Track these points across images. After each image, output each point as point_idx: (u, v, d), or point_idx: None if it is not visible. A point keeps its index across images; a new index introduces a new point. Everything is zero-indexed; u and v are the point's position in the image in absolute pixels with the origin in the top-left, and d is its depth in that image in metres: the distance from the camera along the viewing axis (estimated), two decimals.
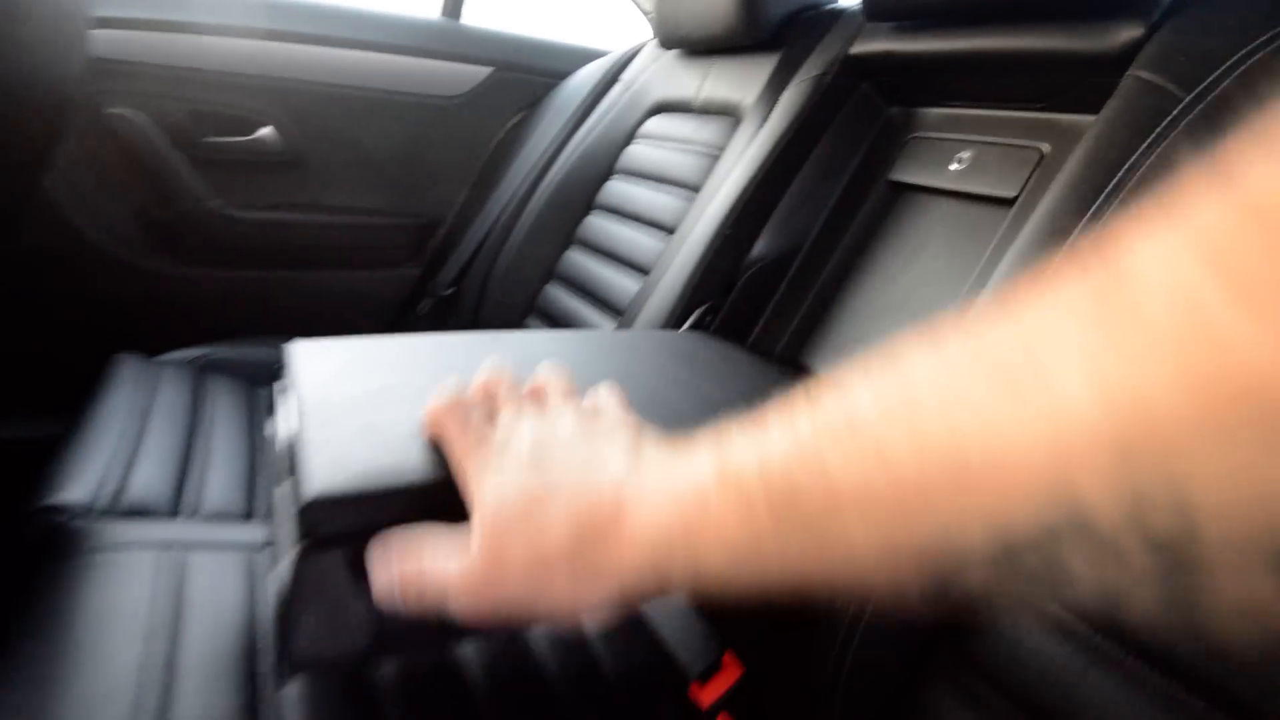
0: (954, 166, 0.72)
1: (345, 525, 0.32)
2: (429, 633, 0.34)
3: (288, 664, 0.32)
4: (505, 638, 0.57)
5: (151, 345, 0.93)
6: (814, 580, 0.21)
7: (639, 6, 1.27)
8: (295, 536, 0.32)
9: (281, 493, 0.36)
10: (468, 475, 0.30)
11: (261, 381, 0.93)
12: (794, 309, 0.76)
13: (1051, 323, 0.15)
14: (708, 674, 0.59)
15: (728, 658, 0.59)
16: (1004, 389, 0.15)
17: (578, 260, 1.03)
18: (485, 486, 0.29)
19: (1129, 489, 0.13)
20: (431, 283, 1.19)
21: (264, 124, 1.09)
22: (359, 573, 0.32)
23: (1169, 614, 0.14)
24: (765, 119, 0.83)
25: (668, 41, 1.05)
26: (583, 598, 0.26)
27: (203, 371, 0.90)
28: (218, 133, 1.07)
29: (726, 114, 0.93)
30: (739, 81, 0.92)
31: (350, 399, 0.40)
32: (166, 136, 1.02)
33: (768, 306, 0.77)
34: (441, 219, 1.26)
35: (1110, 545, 0.14)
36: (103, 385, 0.80)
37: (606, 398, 0.36)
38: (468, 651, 0.55)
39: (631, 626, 0.64)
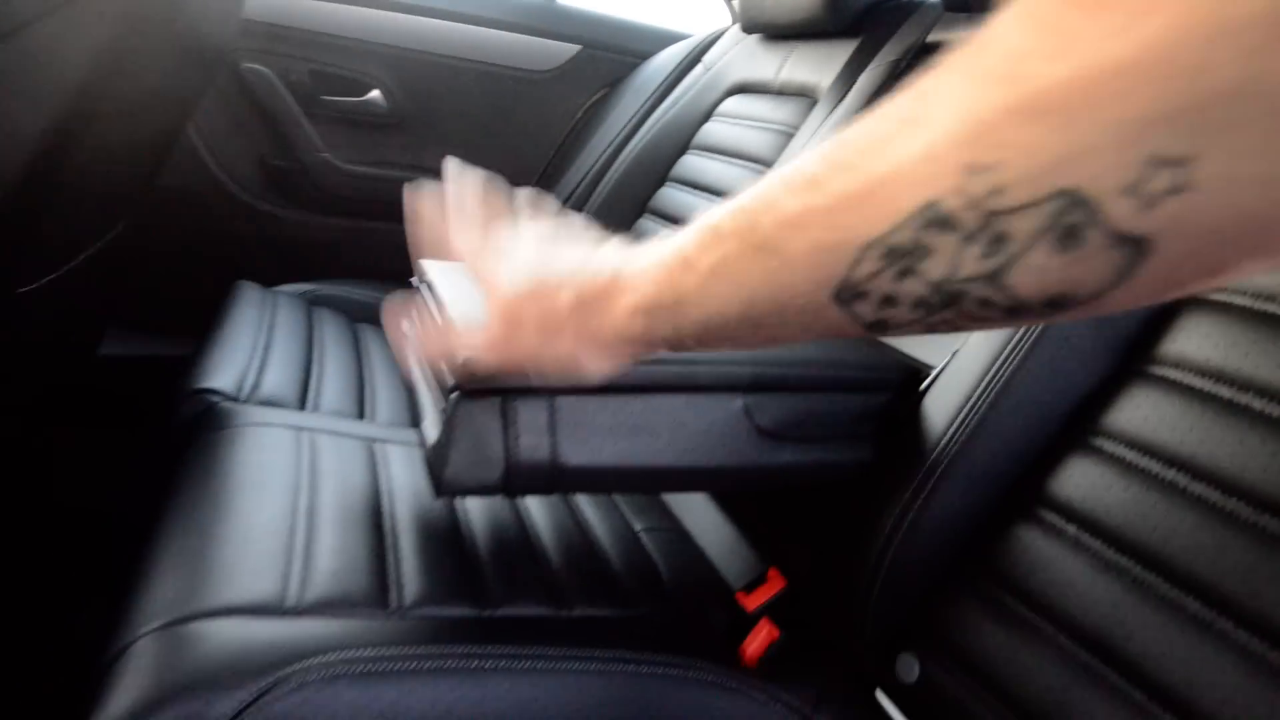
0: None
1: (486, 381, 0.40)
2: (541, 479, 0.42)
3: (435, 488, 0.40)
4: (581, 539, 0.65)
5: (266, 278, 1.04)
6: (769, 307, 0.27)
7: None
8: (449, 389, 0.40)
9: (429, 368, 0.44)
10: (482, 269, 0.38)
11: (360, 317, 1.04)
12: None
13: (932, 83, 0.22)
14: (752, 586, 0.66)
15: (772, 572, 0.66)
16: (896, 131, 0.22)
17: (651, 228, 1.10)
18: (500, 271, 0.36)
19: (968, 190, 0.20)
20: None
21: (373, 87, 1.20)
22: (497, 420, 0.40)
23: (993, 278, 0.20)
24: (841, 100, 0.89)
25: (751, 26, 1.11)
26: (585, 355, 0.33)
27: (310, 304, 1.01)
28: (332, 92, 1.18)
29: (803, 95, 0.98)
30: (818, 65, 0.97)
31: (476, 294, 0.48)
32: (289, 92, 1.14)
33: None
34: (522, 185, 1.34)
35: (958, 231, 0.20)
36: (230, 305, 0.91)
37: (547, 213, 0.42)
38: (544, 539, 0.63)
39: (682, 543, 0.72)
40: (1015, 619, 0.49)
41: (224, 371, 0.72)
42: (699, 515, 0.76)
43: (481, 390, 0.40)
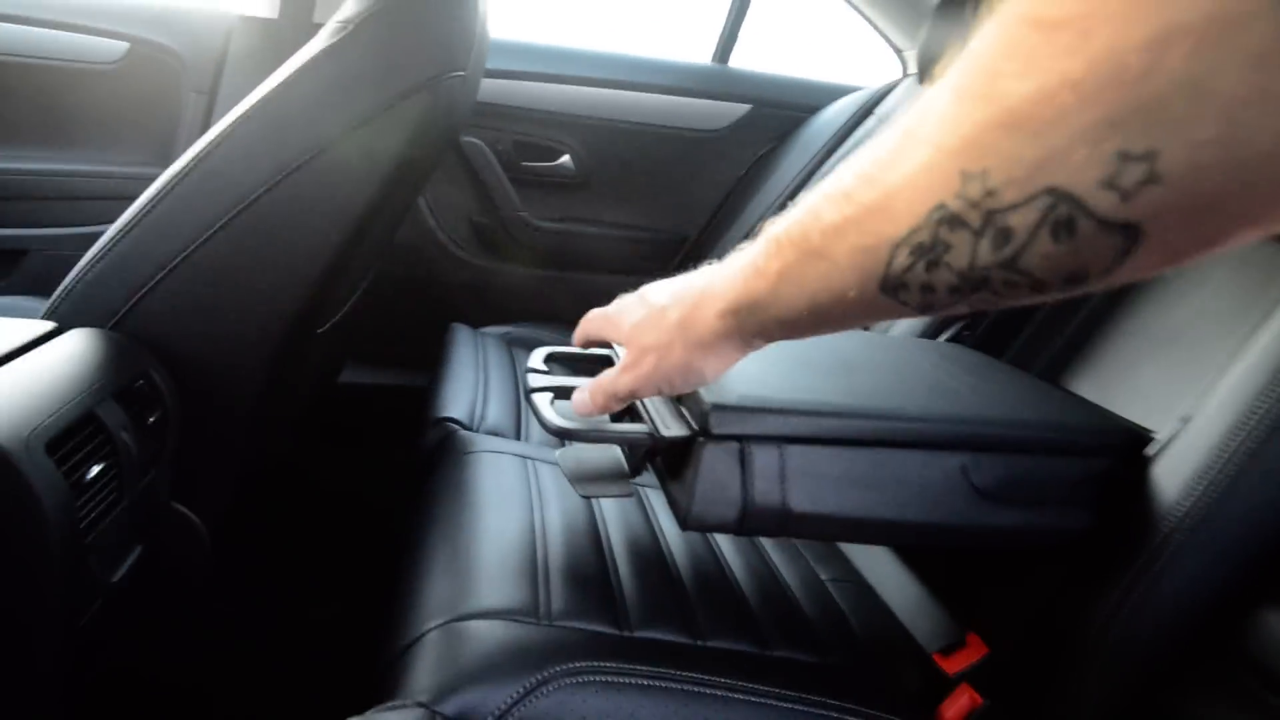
0: None
1: (730, 429, 0.45)
2: (771, 521, 0.46)
3: (682, 522, 0.45)
4: (771, 581, 0.68)
5: (472, 320, 1.18)
6: (830, 301, 0.31)
7: (891, 43, 1.35)
8: (694, 433, 0.45)
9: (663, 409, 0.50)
10: (620, 335, 0.45)
11: (551, 360, 1.15)
12: (1058, 331, 0.79)
13: (929, 100, 0.25)
14: (950, 649, 0.65)
15: (972, 638, 0.64)
16: (903, 144, 0.26)
17: None
18: (622, 314, 0.45)
19: (966, 193, 0.23)
20: (662, 269, 1.36)
21: (564, 152, 1.34)
22: (736, 465, 0.45)
23: (1009, 265, 0.23)
24: None
25: (928, 76, 1.12)
26: (696, 360, 0.40)
27: (509, 343, 1.13)
28: (530, 159, 1.33)
29: None
30: None
31: None
32: (496, 160, 1.30)
33: (1027, 326, 0.80)
34: (687, 236, 1.42)
35: (968, 227, 0.23)
36: (448, 345, 1.05)
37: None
38: (738, 576, 0.66)
39: (868, 597, 0.72)
40: (1269, 712, 0.45)
41: (457, 403, 0.83)
42: (885, 570, 0.76)
43: (723, 436, 0.45)
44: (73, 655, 0.51)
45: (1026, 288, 0.24)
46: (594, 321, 0.50)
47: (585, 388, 0.47)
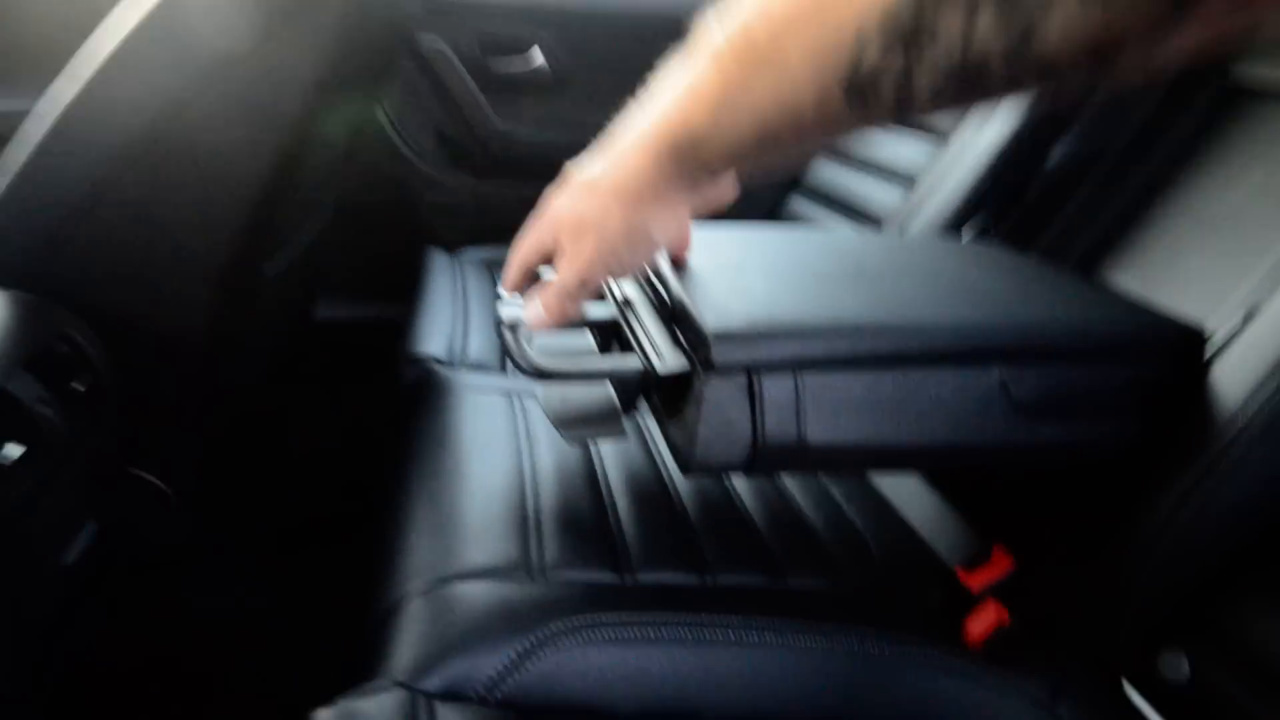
0: None
1: (736, 359, 0.38)
2: (786, 458, 0.40)
3: (683, 467, 0.39)
4: (782, 506, 0.63)
5: (450, 243, 1.09)
6: (783, 120, 0.26)
7: None
8: (695, 365, 0.39)
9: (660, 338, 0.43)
10: (554, 228, 0.41)
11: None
12: (1093, 220, 0.71)
13: None
14: (974, 563, 0.61)
15: (997, 550, 0.60)
16: None
17: (829, 170, 1.03)
18: (557, 212, 0.40)
19: None
20: None
21: (534, 43, 1.20)
22: (745, 399, 0.38)
23: (1008, 48, 0.18)
24: None
25: None
26: (640, 220, 0.35)
27: (490, 267, 1.05)
28: (497, 53, 1.19)
29: None
30: None
31: (705, 269, 0.46)
32: (460, 60, 1.17)
33: (1060, 216, 0.72)
34: None
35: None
36: (424, 273, 0.97)
37: None
38: (748, 506, 0.62)
39: (885, 513, 0.68)
40: None
41: (434, 337, 0.76)
42: (903, 483, 0.72)
43: (728, 367, 0.38)
44: (33, 645, 0.47)
45: (1033, 73, 0.19)
46: (524, 241, 0.43)
47: (536, 299, 0.40)
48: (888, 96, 0.22)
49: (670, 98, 0.32)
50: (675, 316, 0.42)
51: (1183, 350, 0.50)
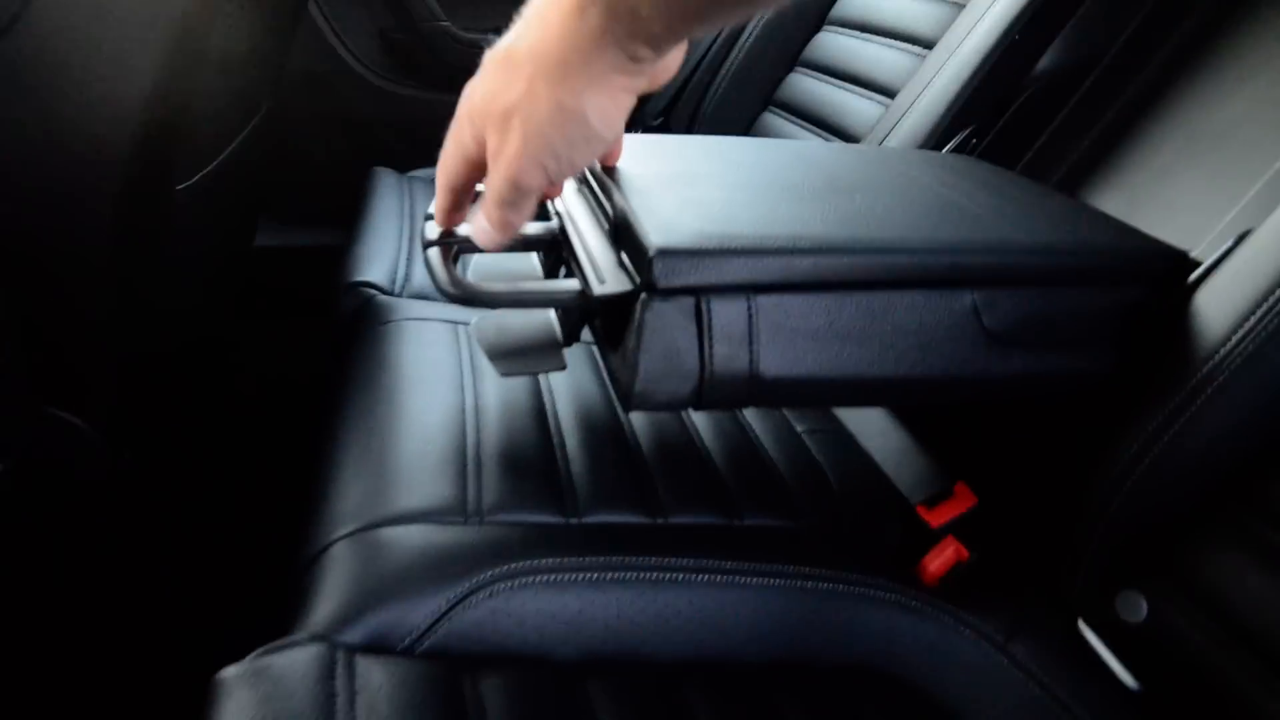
0: None
1: (683, 280, 0.34)
2: (737, 392, 0.37)
3: (624, 401, 0.36)
4: (743, 440, 0.61)
5: (399, 162, 1.01)
6: None
7: None
8: (636, 287, 0.34)
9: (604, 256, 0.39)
10: (477, 122, 0.34)
11: None
12: (1079, 135, 0.66)
13: None
14: (935, 500, 0.59)
15: (960, 487, 0.59)
16: None
17: (804, 84, 0.96)
18: (476, 101, 0.34)
19: None
20: (639, 111, 1.17)
21: None
22: (692, 325, 0.34)
23: None
24: None
25: None
26: (568, 99, 0.29)
27: None
28: None
29: None
30: None
31: (654, 180, 0.41)
32: None
33: (1045, 132, 0.67)
34: None
35: None
36: (369, 194, 0.90)
37: None
38: (706, 441, 0.59)
39: (847, 447, 0.66)
40: None
41: (376, 264, 0.71)
42: (866, 416, 0.70)
43: (674, 289, 0.34)
44: None
45: None
46: (445, 150, 0.36)
47: (477, 215, 0.35)
48: None
49: None
50: (617, 232, 0.38)
51: (1167, 276, 0.47)
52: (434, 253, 0.37)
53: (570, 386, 0.58)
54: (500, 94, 0.30)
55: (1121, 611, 0.48)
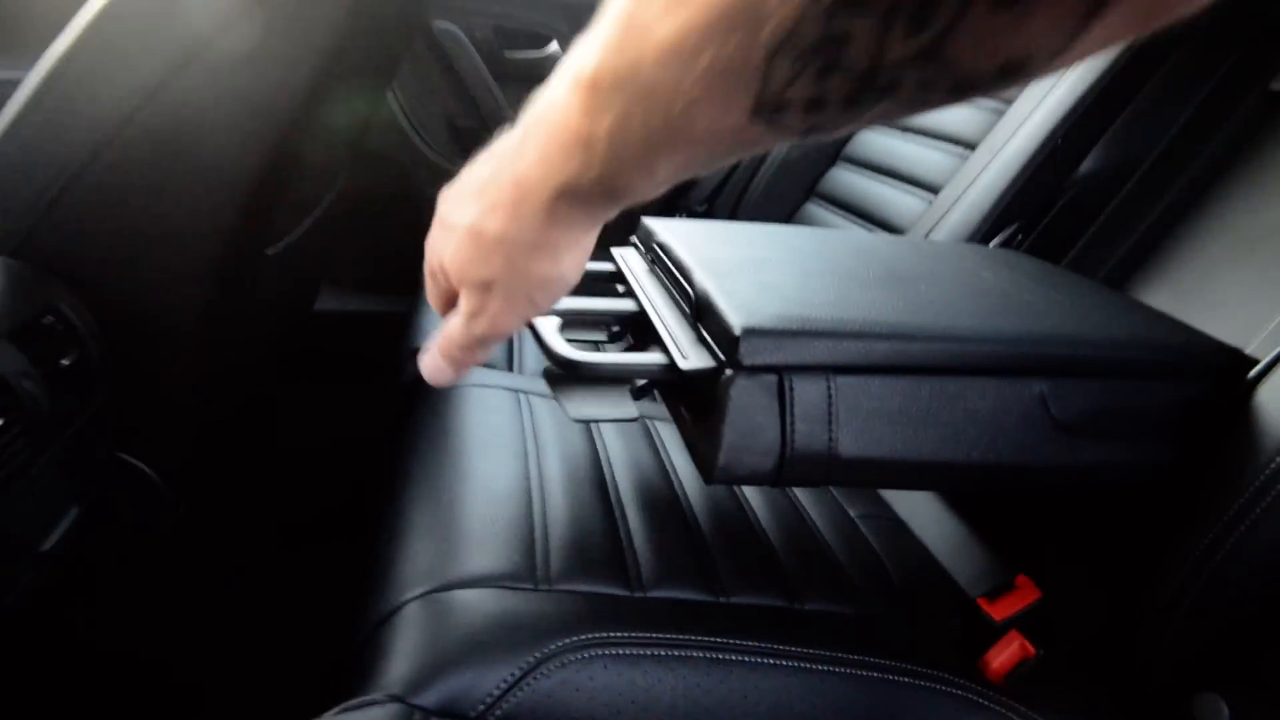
0: None
1: (766, 358, 0.35)
2: (816, 469, 0.37)
3: (706, 473, 0.37)
4: (798, 523, 0.61)
5: None
6: (685, 153, 0.23)
7: None
8: (721, 363, 0.36)
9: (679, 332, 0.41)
10: (450, 277, 0.34)
11: None
12: (1124, 233, 0.69)
13: None
14: (996, 593, 0.58)
15: (1021, 580, 0.58)
16: None
17: (846, 177, 1.01)
18: (447, 263, 0.34)
19: None
20: (685, 198, 1.23)
21: (552, 39, 1.18)
22: (774, 402, 0.36)
23: (929, 55, 0.17)
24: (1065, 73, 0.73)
25: None
26: (547, 268, 0.31)
27: None
28: (514, 47, 1.17)
29: None
30: None
31: (727, 264, 0.44)
32: (474, 49, 1.15)
33: (1089, 229, 0.70)
34: None
35: (871, 8, 0.17)
36: None
37: None
38: (762, 521, 0.59)
39: (902, 534, 0.65)
40: None
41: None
42: (918, 503, 0.69)
43: (757, 367, 0.35)
44: (5, 635, 0.44)
45: (945, 88, 0.18)
46: (429, 293, 0.38)
47: (431, 346, 0.37)
48: (797, 116, 0.20)
49: (550, 143, 0.27)
50: (699, 312, 0.40)
51: (1229, 372, 0.48)
52: (547, 322, 0.40)
53: (629, 459, 0.59)
54: (476, 268, 0.32)
55: (1200, 716, 0.46)
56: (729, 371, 0.36)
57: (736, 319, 0.36)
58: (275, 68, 0.50)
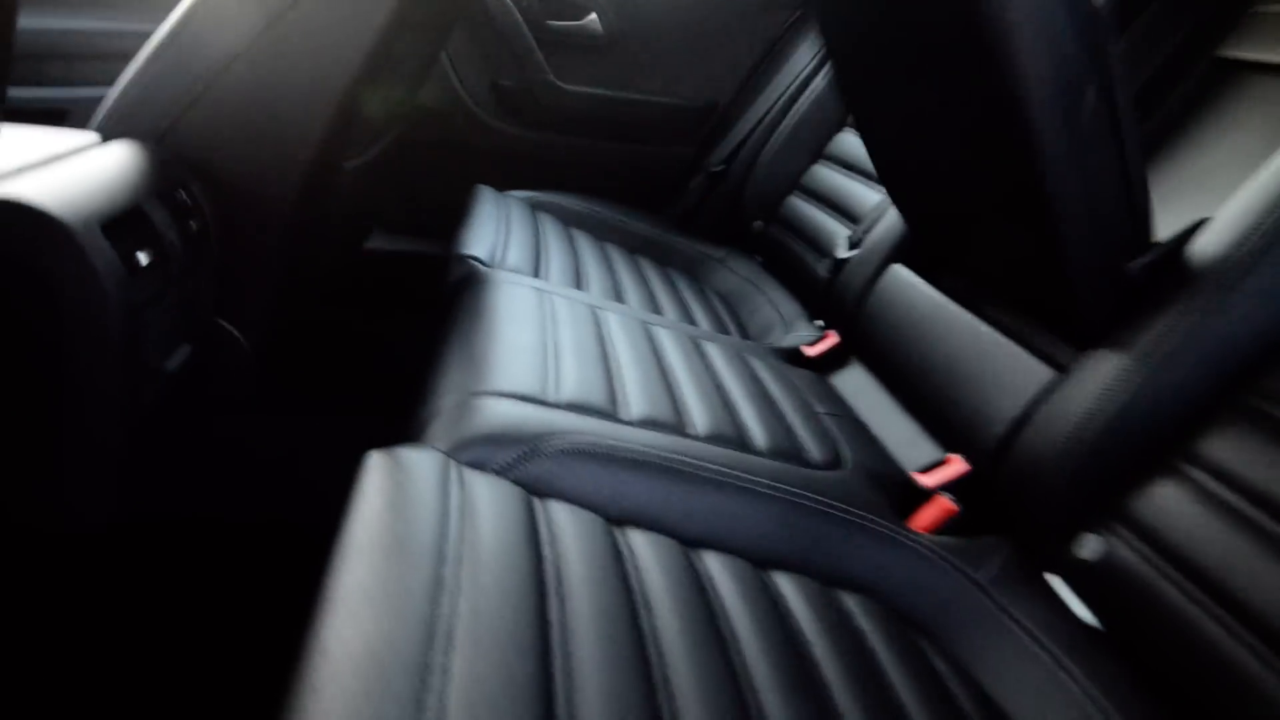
0: None
1: None
2: None
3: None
4: (765, 401, 0.72)
5: (498, 185, 1.20)
6: None
7: None
8: None
9: None
10: None
11: (571, 222, 1.17)
12: None
13: None
14: (930, 468, 0.69)
15: (952, 457, 0.68)
16: None
17: (848, 143, 1.11)
18: None
19: None
20: (705, 160, 1.34)
21: (590, 10, 1.30)
22: None
23: None
24: None
25: None
26: None
27: (533, 207, 1.15)
28: (557, 18, 1.30)
29: None
30: None
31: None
32: (522, 17, 1.27)
33: None
34: (715, 104, 1.39)
35: None
36: (474, 203, 1.08)
37: None
38: (733, 394, 0.70)
39: (858, 429, 0.76)
40: (1219, 503, 0.48)
41: (480, 244, 0.87)
42: (874, 402, 0.80)
43: None
44: (139, 428, 0.58)
45: None
46: None
47: None
48: None
49: None
50: None
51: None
52: None
53: (624, 337, 0.71)
54: None
55: (1081, 553, 0.56)
56: None
57: None
58: (360, 12, 0.63)
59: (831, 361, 0.89)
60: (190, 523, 0.83)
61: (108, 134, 0.64)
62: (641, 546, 0.48)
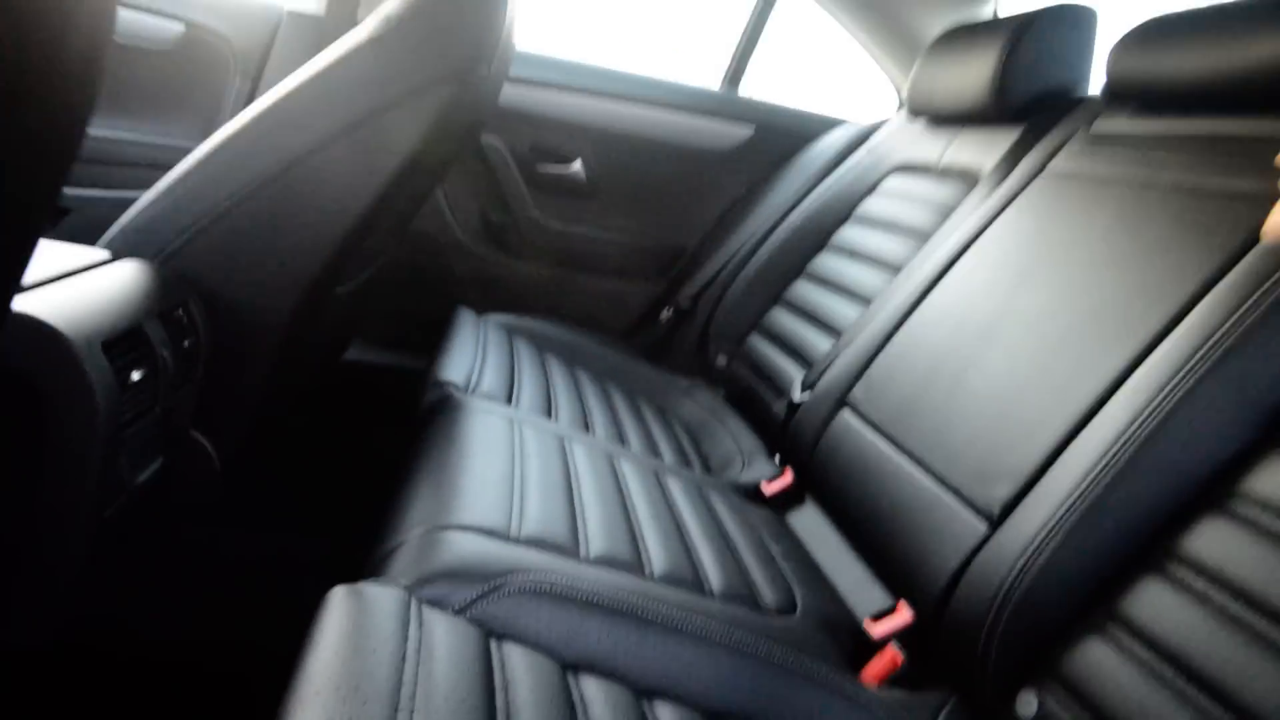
0: None
1: None
2: None
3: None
4: (722, 543, 0.74)
5: (478, 309, 1.26)
6: None
7: (891, 79, 1.45)
8: None
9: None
10: None
11: (545, 347, 1.23)
12: None
13: None
14: (880, 615, 0.71)
15: (900, 604, 0.71)
16: None
17: (805, 290, 1.21)
18: None
19: None
20: (675, 296, 1.44)
21: (577, 157, 1.43)
22: None
23: None
24: (1001, 182, 0.96)
25: (917, 109, 1.21)
26: None
27: (510, 331, 1.21)
28: (545, 162, 1.42)
29: (965, 176, 1.06)
30: (981, 149, 1.05)
31: None
32: (514, 160, 1.40)
33: None
34: (684, 247, 1.51)
35: None
36: (453, 325, 1.13)
37: None
38: (693, 534, 0.73)
39: (811, 571, 0.78)
40: (1140, 662, 0.51)
41: (456, 370, 0.91)
42: (828, 545, 0.83)
43: None
44: (96, 541, 0.58)
45: None
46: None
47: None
48: None
49: None
50: None
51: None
52: None
53: (590, 469, 0.74)
54: None
55: (1019, 709, 0.58)
56: None
57: None
58: (387, 151, 0.71)
59: (788, 499, 0.92)
60: (141, 643, 0.79)
61: (118, 252, 0.68)
62: (594, 695, 0.49)
